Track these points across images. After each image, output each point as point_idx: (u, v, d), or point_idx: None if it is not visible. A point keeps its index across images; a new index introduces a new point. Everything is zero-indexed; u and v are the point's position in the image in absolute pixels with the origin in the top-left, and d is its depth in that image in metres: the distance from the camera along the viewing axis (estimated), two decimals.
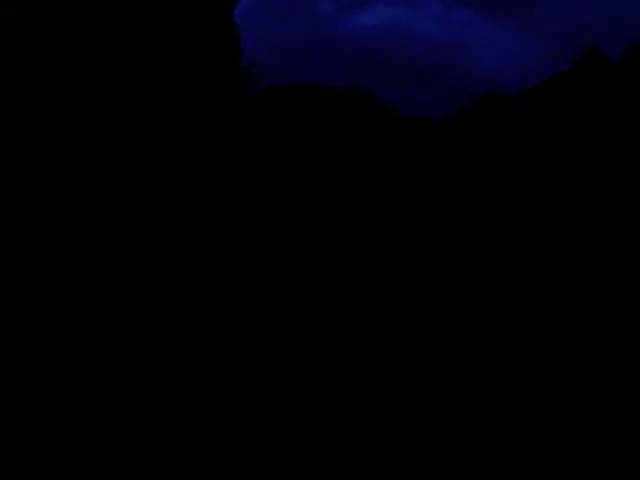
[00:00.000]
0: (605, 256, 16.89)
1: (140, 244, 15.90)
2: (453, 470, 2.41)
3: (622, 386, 3.66)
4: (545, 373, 3.99)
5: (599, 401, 3.35)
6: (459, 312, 6.91)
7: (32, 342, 4.10)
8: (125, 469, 2.22)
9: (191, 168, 20.82)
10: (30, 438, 2.43)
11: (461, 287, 9.60)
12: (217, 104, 22.95)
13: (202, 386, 3.43)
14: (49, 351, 3.85)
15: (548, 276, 11.65)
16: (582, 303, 7.73)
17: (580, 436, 2.83)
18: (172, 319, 5.64)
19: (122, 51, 15.62)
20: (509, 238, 27.34)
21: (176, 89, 19.40)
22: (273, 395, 3.32)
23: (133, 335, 4.62)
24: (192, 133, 20.52)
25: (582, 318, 6.54)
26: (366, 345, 4.79)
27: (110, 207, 15.28)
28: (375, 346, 4.75)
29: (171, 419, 2.81)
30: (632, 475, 2.39)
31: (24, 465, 2.22)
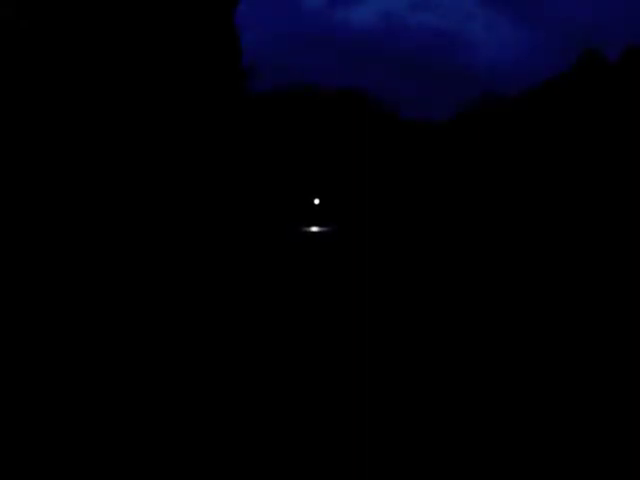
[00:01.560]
0: (604, 255, 16.95)
1: (139, 243, 15.91)
2: (453, 470, 2.41)
3: (622, 386, 3.66)
4: (545, 373, 3.99)
5: (599, 401, 3.36)
6: (459, 310, 6.91)
7: (32, 341, 4.08)
8: (125, 469, 2.22)
9: (190, 167, 20.85)
10: (30, 438, 2.43)
11: (461, 284, 9.60)
12: (217, 104, 23.00)
13: (201, 386, 3.43)
14: (49, 350, 3.83)
15: (547, 273, 11.68)
16: (581, 302, 7.74)
17: (580, 436, 2.84)
18: (171, 318, 5.63)
19: (122, 51, 15.62)
20: (509, 236, 27.45)
21: (176, 89, 19.46)
22: (272, 395, 3.32)
23: (133, 334, 4.59)
24: (192, 132, 20.57)
25: (581, 317, 6.54)
26: (365, 343, 4.79)
27: (110, 206, 15.29)
28: (375, 344, 4.76)
29: (170, 419, 2.80)
30: (632, 475, 2.39)
31: (24, 465, 2.22)
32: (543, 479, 2.33)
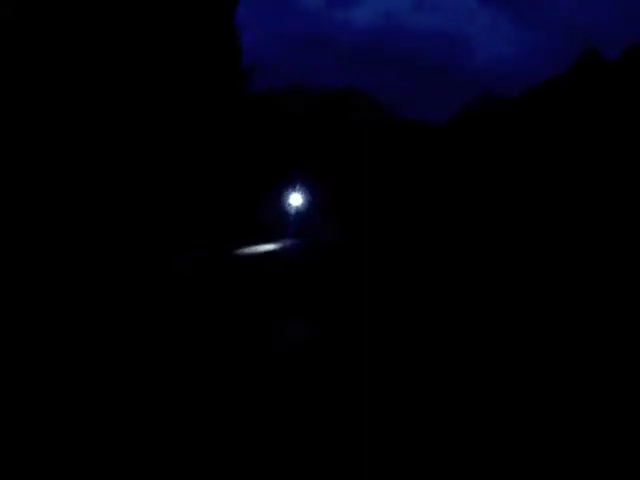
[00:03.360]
0: (604, 255, 16.92)
1: (139, 242, 15.87)
2: (453, 470, 2.41)
3: (622, 386, 3.66)
4: (545, 373, 3.99)
5: (599, 401, 3.35)
6: (459, 311, 6.90)
7: (32, 342, 4.09)
8: (125, 469, 2.21)
9: (190, 167, 20.81)
10: (30, 438, 2.43)
11: (462, 284, 9.58)
12: (217, 104, 22.98)
13: (201, 387, 3.42)
14: (49, 350, 3.83)
15: (548, 274, 11.65)
16: (582, 302, 7.73)
17: (580, 436, 2.83)
18: (171, 318, 5.62)
19: (122, 51, 15.61)
20: (509, 236, 27.37)
21: (176, 89, 19.45)
22: (272, 395, 3.32)
23: (133, 334, 4.59)
24: (192, 132, 20.53)
25: (582, 317, 6.53)
26: (366, 344, 4.79)
27: (109, 205, 15.27)
28: (375, 345, 4.75)
29: (171, 420, 2.80)
30: (632, 475, 2.39)
31: (24, 465, 2.22)
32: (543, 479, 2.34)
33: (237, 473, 2.30)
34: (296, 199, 34.10)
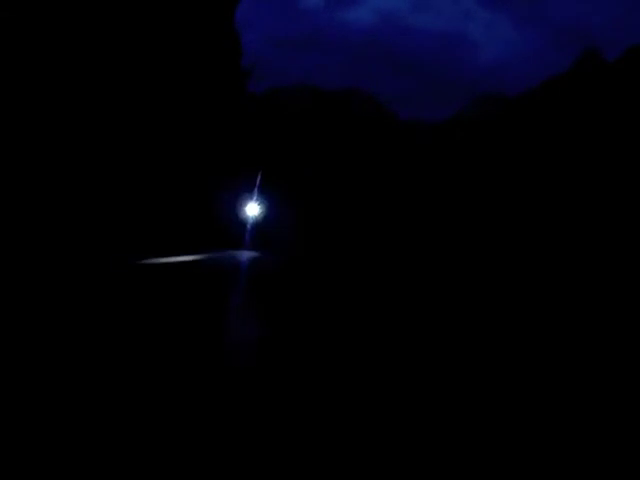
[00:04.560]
0: (604, 254, 16.95)
1: (139, 242, 15.87)
2: (453, 470, 2.43)
3: (622, 386, 3.68)
4: (545, 373, 4.01)
5: (599, 401, 3.38)
6: (459, 310, 6.93)
7: (32, 341, 4.12)
8: (125, 469, 2.24)
9: (190, 167, 20.71)
10: (30, 438, 2.46)
11: (461, 284, 9.60)
12: (217, 104, 22.89)
13: (202, 384, 3.46)
14: (49, 350, 3.86)
15: (547, 274, 11.68)
16: (582, 302, 7.75)
17: (580, 436, 2.85)
18: (171, 319, 5.66)
19: (122, 51, 15.63)
20: (509, 236, 27.28)
21: (177, 89, 19.40)
22: (271, 394, 3.35)
23: (132, 334, 4.63)
24: (192, 132, 20.45)
25: (582, 317, 6.56)
26: (365, 344, 4.82)
27: (109, 205, 15.27)
28: (375, 345, 4.78)
29: (170, 419, 2.83)
30: (632, 475, 2.41)
31: (24, 465, 2.25)
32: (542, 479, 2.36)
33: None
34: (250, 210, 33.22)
